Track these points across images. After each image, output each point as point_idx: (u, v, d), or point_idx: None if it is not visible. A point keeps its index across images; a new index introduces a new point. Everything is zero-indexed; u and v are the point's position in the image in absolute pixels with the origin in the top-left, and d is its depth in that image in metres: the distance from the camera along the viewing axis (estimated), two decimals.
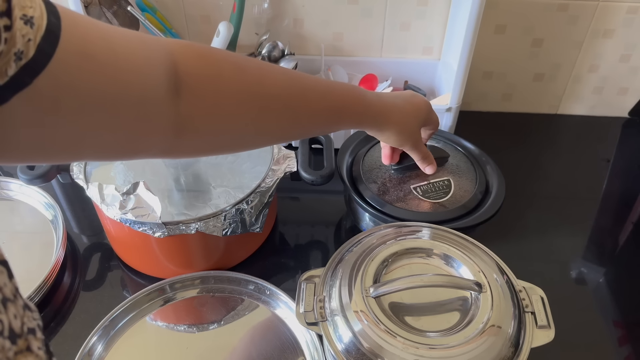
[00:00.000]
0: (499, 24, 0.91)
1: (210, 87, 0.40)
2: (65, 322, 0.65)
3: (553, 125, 1.01)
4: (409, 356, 0.46)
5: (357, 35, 0.94)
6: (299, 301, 0.53)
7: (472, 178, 0.72)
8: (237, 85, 0.42)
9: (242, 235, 0.65)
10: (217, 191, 0.66)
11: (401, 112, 0.59)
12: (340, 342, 0.49)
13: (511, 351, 0.48)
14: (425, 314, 0.51)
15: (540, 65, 0.96)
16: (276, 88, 0.45)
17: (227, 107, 0.42)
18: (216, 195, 0.65)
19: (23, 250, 0.73)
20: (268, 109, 0.45)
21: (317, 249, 0.75)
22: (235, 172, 0.68)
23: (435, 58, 0.96)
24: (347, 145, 0.77)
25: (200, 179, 0.69)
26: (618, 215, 0.82)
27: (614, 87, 0.98)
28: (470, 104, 1.01)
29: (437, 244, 0.56)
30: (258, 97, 0.43)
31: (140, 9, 0.86)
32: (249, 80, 0.43)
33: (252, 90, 0.43)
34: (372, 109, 0.56)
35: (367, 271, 0.52)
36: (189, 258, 0.68)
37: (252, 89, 0.43)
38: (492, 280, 0.52)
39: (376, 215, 0.67)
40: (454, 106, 0.83)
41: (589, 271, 0.72)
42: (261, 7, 0.90)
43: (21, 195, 0.79)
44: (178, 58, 0.38)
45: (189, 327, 0.64)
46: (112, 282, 0.70)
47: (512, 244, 0.75)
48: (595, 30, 0.91)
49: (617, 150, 0.95)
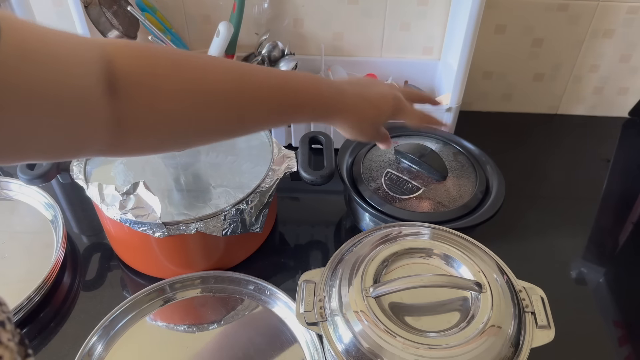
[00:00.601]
0: (499, 24, 0.91)
1: (145, 85, 0.40)
2: (65, 322, 0.65)
3: (553, 125, 1.01)
4: (409, 356, 0.46)
5: (357, 35, 0.94)
6: (299, 301, 0.53)
7: (472, 178, 0.72)
8: (173, 83, 0.42)
9: (242, 235, 0.65)
10: (217, 191, 0.66)
11: (358, 106, 0.56)
12: (340, 342, 0.49)
13: (511, 351, 0.48)
14: (425, 314, 0.51)
15: (540, 65, 0.96)
16: (218, 84, 0.45)
17: (164, 105, 0.42)
18: (216, 195, 0.65)
19: (23, 250, 0.73)
20: (209, 106, 0.45)
21: (317, 249, 0.75)
22: (235, 172, 0.68)
23: (435, 58, 0.96)
24: (347, 145, 0.77)
25: (200, 179, 0.69)
26: (618, 215, 0.82)
27: (614, 87, 0.98)
28: (470, 104, 1.01)
29: (437, 244, 0.56)
30: (197, 94, 0.43)
31: (140, 9, 0.86)
32: (188, 77, 0.43)
33: (191, 87, 0.43)
34: (327, 102, 0.54)
35: (367, 271, 0.52)
36: (189, 258, 0.68)
37: (190, 86, 0.43)
38: (492, 280, 0.52)
39: (376, 215, 0.67)
40: (454, 106, 0.83)
41: (589, 271, 0.72)
42: (261, 7, 0.90)
43: (21, 195, 0.79)
44: (113, 58, 0.39)
45: (189, 327, 0.64)
46: (112, 282, 0.70)
47: (512, 244, 0.75)
48: (595, 30, 0.91)
49: (617, 150, 0.95)
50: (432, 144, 0.77)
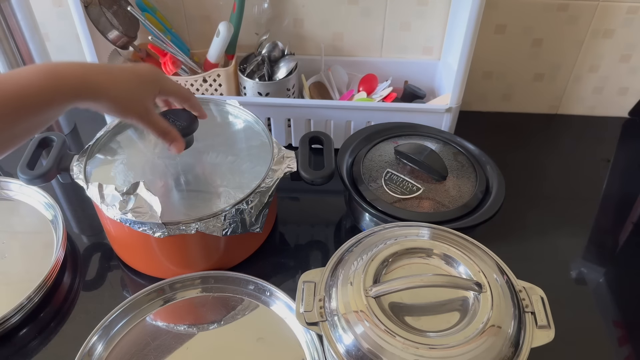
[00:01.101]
0: (499, 24, 0.91)
1: None
2: (65, 322, 0.65)
3: (553, 125, 1.01)
4: (409, 356, 0.46)
5: (357, 35, 0.94)
6: (299, 301, 0.53)
7: (472, 178, 0.72)
8: None
9: (242, 236, 0.65)
10: (217, 191, 0.66)
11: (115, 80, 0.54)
12: (340, 342, 0.49)
13: (511, 351, 0.48)
14: (425, 314, 0.51)
15: (540, 65, 0.96)
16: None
17: None
18: (216, 196, 0.65)
19: (23, 250, 0.73)
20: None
21: (317, 249, 0.75)
22: (235, 172, 0.68)
23: (435, 58, 0.96)
24: (347, 145, 0.77)
25: (200, 179, 0.69)
26: (618, 215, 0.82)
27: (614, 87, 0.98)
28: (470, 104, 1.01)
29: (437, 244, 0.56)
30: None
31: (140, 9, 0.86)
32: None
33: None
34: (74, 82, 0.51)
35: (367, 271, 0.52)
36: (189, 258, 0.68)
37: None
38: (492, 280, 0.52)
39: (376, 215, 0.67)
40: (454, 106, 0.83)
41: (589, 271, 0.72)
42: (261, 7, 0.90)
43: (21, 195, 0.79)
44: None
45: (189, 327, 0.64)
46: (112, 282, 0.70)
47: (512, 244, 0.75)
48: (595, 30, 0.91)
49: (617, 150, 0.95)
50: (432, 144, 0.77)
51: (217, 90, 0.89)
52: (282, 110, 0.86)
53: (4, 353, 0.62)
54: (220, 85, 0.88)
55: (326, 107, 0.86)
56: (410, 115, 0.83)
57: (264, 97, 0.88)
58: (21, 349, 0.62)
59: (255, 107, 0.84)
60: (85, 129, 0.97)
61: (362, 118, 0.85)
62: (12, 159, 0.88)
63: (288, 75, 0.88)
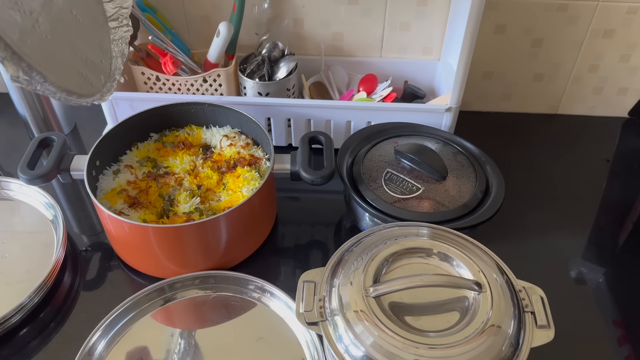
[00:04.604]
0: (499, 24, 0.91)
1: None
2: (65, 322, 0.65)
3: (553, 125, 1.01)
4: (408, 356, 0.46)
5: (357, 35, 0.94)
6: (299, 301, 0.53)
7: (472, 178, 0.72)
8: None
9: (242, 235, 0.65)
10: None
11: None
12: (340, 342, 0.49)
13: (511, 351, 0.48)
14: (425, 314, 0.51)
15: (540, 65, 0.96)
16: None
17: None
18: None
19: (23, 250, 0.73)
20: None
21: (317, 249, 0.75)
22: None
23: (435, 58, 0.96)
24: (347, 145, 0.77)
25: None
26: (618, 215, 0.82)
27: (614, 87, 0.98)
28: (470, 104, 1.01)
29: (437, 244, 0.56)
30: None
31: (141, 9, 0.86)
32: None
33: None
34: None
35: (367, 271, 0.52)
36: (189, 258, 0.68)
37: None
38: (492, 280, 0.52)
39: (376, 215, 0.67)
40: (454, 106, 0.83)
41: (589, 271, 0.72)
42: (261, 7, 0.90)
43: (21, 195, 0.79)
44: None
45: (189, 326, 0.64)
46: (112, 282, 0.70)
47: (512, 244, 0.75)
48: (595, 30, 0.91)
49: (617, 150, 0.95)
50: (432, 144, 0.77)
51: (217, 91, 0.89)
52: (282, 110, 0.86)
53: (4, 353, 0.62)
54: (220, 85, 0.88)
55: (326, 107, 0.86)
56: (410, 115, 0.84)
57: (264, 97, 0.88)
58: (21, 349, 0.62)
59: (255, 107, 0.85)
60: (85, 129, 0.97)
61: (362, 118, 0.85)
62: (12, 159, 0.89)
63: (288, 75, 0.88)
